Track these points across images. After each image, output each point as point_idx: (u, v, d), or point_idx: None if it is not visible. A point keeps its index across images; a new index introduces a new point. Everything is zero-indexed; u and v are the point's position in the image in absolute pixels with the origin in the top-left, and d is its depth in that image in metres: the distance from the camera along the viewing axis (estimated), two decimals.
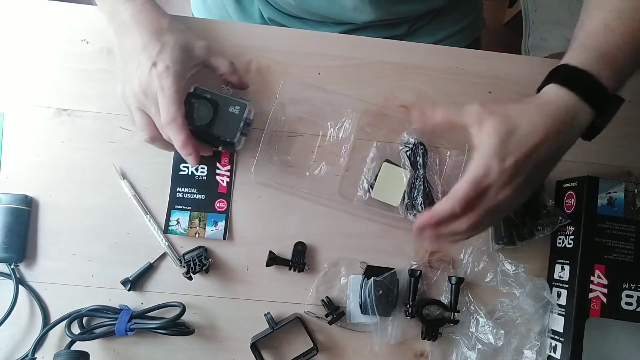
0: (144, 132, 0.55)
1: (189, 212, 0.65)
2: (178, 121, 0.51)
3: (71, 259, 0.63)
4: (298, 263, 0.64)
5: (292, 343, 0.65)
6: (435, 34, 0.82)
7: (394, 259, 0.66)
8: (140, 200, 0.64)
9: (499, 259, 0.67)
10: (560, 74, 0.48)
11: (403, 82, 0.67)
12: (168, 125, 0.51)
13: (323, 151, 0.66)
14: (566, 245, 0.64)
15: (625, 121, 0.70)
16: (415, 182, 0.65)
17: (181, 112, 0.51)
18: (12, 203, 0.61)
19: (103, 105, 0.65)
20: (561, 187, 0.67)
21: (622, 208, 0.62)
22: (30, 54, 0.65)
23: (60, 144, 0.64)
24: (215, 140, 0.60)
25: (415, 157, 0.66)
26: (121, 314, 0.60)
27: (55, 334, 0.63)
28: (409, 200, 0.65)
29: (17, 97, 0.64)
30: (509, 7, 1.70)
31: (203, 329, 0.64)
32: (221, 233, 0.64)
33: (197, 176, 0.65)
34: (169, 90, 0.50)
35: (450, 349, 0.66)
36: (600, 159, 0.69)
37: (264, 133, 0.65)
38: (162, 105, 0.51)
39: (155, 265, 0.64)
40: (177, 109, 0.51)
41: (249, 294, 0.65)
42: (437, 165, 0.66)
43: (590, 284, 0.60)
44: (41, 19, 0.65)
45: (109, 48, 0.65)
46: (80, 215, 0.64)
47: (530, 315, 0.65)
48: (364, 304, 0.63)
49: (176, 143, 0.52)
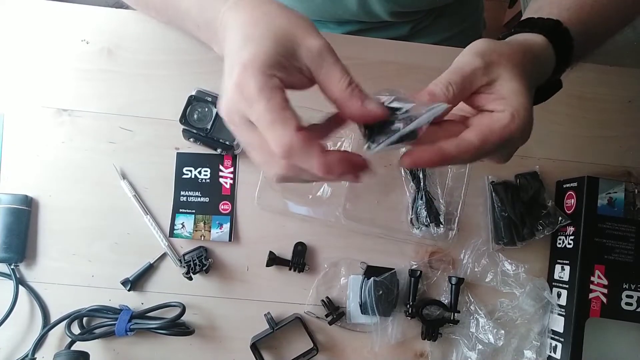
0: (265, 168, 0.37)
1: (194, 215, 0.65)
2: (280, 129, 0.33)
3: (71, 259, 0.63)
4: (298, 263, 0.64)
5: (292, 343, 0.65)
6: (437, 35, 0.82)
7: (394, 259, 0.66)
8: (141, 201, 0.64)
9: (499, 259, 0.67)
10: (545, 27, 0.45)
11: (404, 82, 0.67)
12: (270, 137, 0.34)
13: None
14: (566, 246, 0.64)
15: (625, 121, 0.70)
16: (417, 196, 0.66)
17: (283, 116, 0.33)
18: (12, 203, 0.61)
19: (103, 105, 0.65)
20: (561, 187, 0.67)
21: (622, 208, 0.62)
22: (30, 54, 0.65)
23: (60, 144, 0.64)
24: (215, 143, 0.61)
25: (415, 171, 0.66)
26: (121, 314, 0.60)
27: (55, 334, 0.62)
28: (413, 214, 0.65)
29: (17, 97, 0.64)
30: (509, 8, 1.70)
31: (203, 329, 0.64)
32: (226, 235, 0.64)
33: (200, 179, 0.65)
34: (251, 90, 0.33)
35: (450, 349, 0.66)
36: (600, 159, 0.69)
37: None
38: (253, 117, 0.34)
39: (155, 265, 0.64)
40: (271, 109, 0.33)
41: (249, 294, 0.65)
42: (439, 177, 0.67)
43: (590, 284, 0.60)
44: (41, 19, 0.65)
45: (109, 48, 0.65)
46: (80, 215, 0.64)
47: (530, 316, 0.65)
48: (364, 304, 0.63)
49: (307, 168, 0.34)
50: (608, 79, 0.71)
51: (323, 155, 0.33)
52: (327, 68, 0.36)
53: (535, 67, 0.40)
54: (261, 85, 0.33)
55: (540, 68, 0.42)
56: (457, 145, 0.36)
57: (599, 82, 0.70)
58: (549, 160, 0.68)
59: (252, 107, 0.33)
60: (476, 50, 0.38)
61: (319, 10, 0.75)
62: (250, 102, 0.33)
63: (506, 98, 0.37)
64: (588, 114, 0.70)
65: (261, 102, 0.33)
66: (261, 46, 0.35)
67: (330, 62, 0.36)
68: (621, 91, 0.70)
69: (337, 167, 0.33)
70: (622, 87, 0.70)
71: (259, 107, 0.33)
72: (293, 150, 0.33)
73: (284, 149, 0.33)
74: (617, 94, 0.70)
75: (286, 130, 0.33)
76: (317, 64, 0.36)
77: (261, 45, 0.35)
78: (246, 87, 0.33)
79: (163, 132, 0.65)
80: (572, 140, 0.69)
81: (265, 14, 0.37)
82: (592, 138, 0.70)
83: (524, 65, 0.38)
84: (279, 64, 0.35)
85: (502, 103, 0.37)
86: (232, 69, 0.35)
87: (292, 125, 0.33)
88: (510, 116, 0.36)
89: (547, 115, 0.69)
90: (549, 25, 0.43)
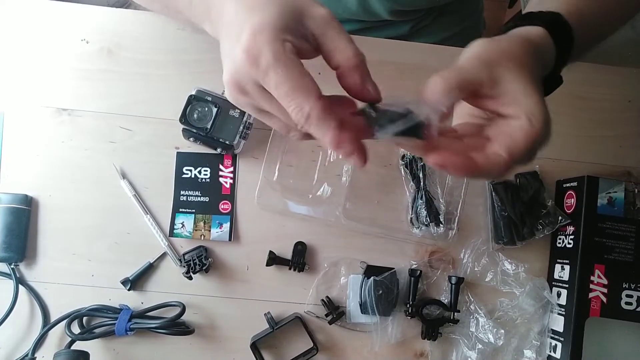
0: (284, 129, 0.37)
1: (194, 214, 0.65)
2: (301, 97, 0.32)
3: (71, 259, 0.63)
4: (298, 263, 0.64)
5: (292, 343, 0.65)
6: (437, 34, 0.82)
7: (394, 259, 0.66)
8: (141, 200, 0.64)
9: (499, 259, 0.67)
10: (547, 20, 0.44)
11: (404, 82, 0.67)
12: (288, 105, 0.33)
13: (324, 171, 0.66)
14: (566, 245, 0.64)
15: (625, 121, 0.70)
16: (417, 195, 0.66)
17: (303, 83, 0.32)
18: (12, 203, 0.61)
19: (103, 105, 0.65)
20: (561, 187, 0.67)
21: (622, 208, 0.62)
22: (30, 53, 0.65)
23: (60, 143, 0.64)
24: (215, 142, 0.61)
25: (415, 171, 0.66)
26: (121, 314, 0.60)
27: (55, 333, 0.62)
28: (413, 214, 0.65)
29: (17, 97, 0.64)
30: (509, 7, 1.70)
31: (203, 328, 0.64)
32: (226, 235, 0.64)
33: (200, 179, 0.65)
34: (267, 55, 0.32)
35: (450, 348, 0.66)
36: (600, 159, 0.69)
37: (264, 160, 0.65)
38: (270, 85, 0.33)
39: (155, 265, 0.64)
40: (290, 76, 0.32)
41: (249, 293, 0.65)
42: (438, 177, 0.67)
43: (590, 284, 0.60)
44: (41, 19, 0.65)
45: (109, 48, 0.65)
46: (80, 215, 0.64)
47: (530, 315, 0.65)
48: (364, 304, 0.63)
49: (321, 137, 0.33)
50: (608, 79, 0.71)
51: (338, 130, 0.33)
52: (334, 35, 0.35)
53: (536, 59, 0.39)
54: (277, 51, 0.32)
55: (542, 60, 0.41)
56: (486, 157, 0.34)
57: (599, 82, 0.70)
58: (549, 160, 0.68)
59: (268, 75, 0.32)
60: (474, 53, 0.37)
61: None
62: (265, 70, 0.32)
63: (517, 101, 0.35)
64: (588, 114, 0.70)
65: (279, 70, 0.32)
66: (269, 12, 0.33)
67: (337, 30, 0.35)
68: (621, 91, 0.70)
69: (347, 146, 0.33)
70: (622, 87, 0.70)
71: (276, 74, 0.32)
72: (311, 119, 0.32)
73: (302, 117, 0.32)
74: (617, 94, 0.70)
75: (308, 98, 0.32)
76: (323, 31, 0.35)
77: (269, 11, 0.33)
78: (260, 54, 0.32)
79: (163, 131, 0.65)
80: (572, 140, 0.69)
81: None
82: (592, 138, 0.70)
83: (525, 59, 0.37)
84: (290, 29, 0.33)
85: (515, 108, 0.35)
86: (238, 36, 0.33)
87: (313, 93, 0.32)
88: (527, 121, 0.34)
89: None
90: (548, 17, 0.43)
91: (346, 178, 0.66)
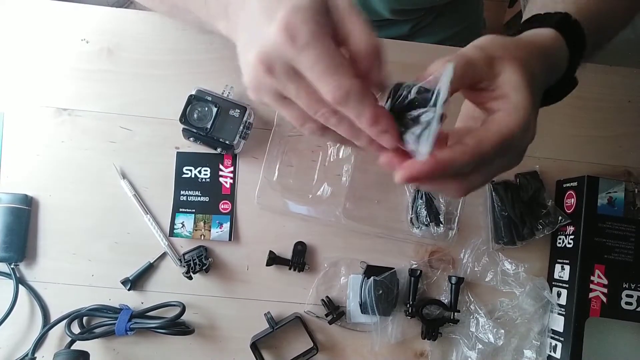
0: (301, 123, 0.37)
1: (194, 214, 0.65)
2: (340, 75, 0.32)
3: (71, 259, 0.63)
4: (298, 263, 0.64)
5: (292, 343, 0.65)
6: (437, 34, 0.82)
7: (394, 259, 0.66)
8: (140, 200, 0.64)
9: (499, 259, 0.67)
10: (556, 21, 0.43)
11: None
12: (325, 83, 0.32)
13: (324, 171, 0.66)
14: (566, 245, 0.64)
15: (626, 121, 0.70)
16: (417, 195, 0.66)
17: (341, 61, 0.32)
18: (12, 203, 0.61)
19: (103, 105, 0.65)
20: (561, 187, 0.67)
21: (622, 208, 0.62)
22: (30, 53, 0.65)
23: (60, 143, 0.64)
24: (215, 142, 0.61)
25: None
26: (121, 314, 0.60)
27: (55, 333, 0.62)
28: (413, 213, 0.65)
29: (17, 97, 0.64)
30: (509, 7, 1.70)
31: (203, 329, 0.64)
32: (226, 235, 0.64)
33: (200, 179, 0.65)
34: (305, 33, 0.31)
35: (450, 348, 0.66)
36: (600, 159, 0.69)
37: (264, 160, 0.65)
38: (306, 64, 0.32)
39: (155, 265, 0.64)
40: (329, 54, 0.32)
41: (249, 293, 0.65)
42: None
43: (590, 284, 0.60)
44: (41, 19, 0.65)
45: (109, 48, 0.65)
46: (80, 215, 0.64)
47: (530, 315, 0.65)
48: (364, 304, 0.63)
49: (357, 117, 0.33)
50: (608, 79, 0.71)
51: (376, 106, 0.33)
52: (352, 20, 0.34)
53: (543, 63, 0.39)
54: (316, 29, 0.32)
55: (551, 64, 0.40)
56: (452, 150, 0.33)
57: (599, 82, 0.70)
58: (549, 160, 0.68)
59: (303, 53, 0.32)
60: (479, 44, 0.37)
61: None
62: (302, 48, 0.31)
63: (506, 95, 0.35)
64: (588, 114, 0.70)
65: (317, 48, 0.31)
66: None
67: (355, 17, 0.34)
68: (621, 91, 0.70)
69: (384, 121, 0.33)
70: (622, 87, 0.70)
71: (314, 53, 0.32)
72: (350, 96, 0.32)
73: (341, 94, 0.32)
74: (617, 94, 0.70)
75: (346, 76, 0.32)
76: (343, 18, 0.34)
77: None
78: (298, 31, 0.31)
79: (163, 131, 0.65)
80: (572, 140, 0.69)
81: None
82: (592, 138, 0.70)
83: (528, 61, 0.37)
84: (323, 13, 0.33)
85: (502, 102, 0.35)
86: (271, 17, 0.33)
87: (350, 71, 0.32)
88: (507, 114, 0.34)
89: (547, 115, 0.69)
90: (557, 18, 0.42)
91: (346, 178, 0.66)
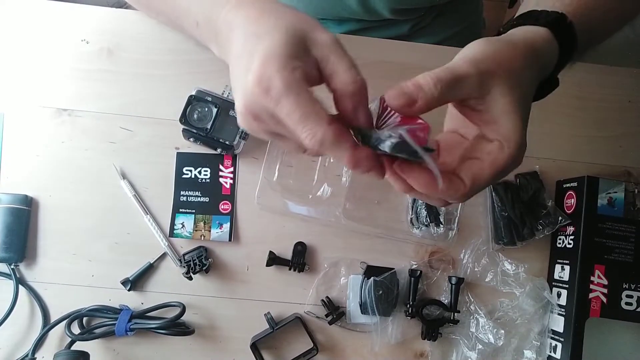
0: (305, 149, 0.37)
1: (194, 215, 0.65)
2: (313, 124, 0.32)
3: (71, 259, 0.63)
4: (298, 263, 0.64)
5: (292, 343, 0.65)
6: (437, 34, 0.82)
7: (394, 259, 0.66)
8: (141, 200, 0.64)
9: (499, 259, 0.67)
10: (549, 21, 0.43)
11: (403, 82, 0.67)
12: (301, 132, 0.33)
13: (324, 172, 0.66)
14: (566, 245, 0.64)
15: (626, 121, 0.70)
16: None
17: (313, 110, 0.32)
18: (12, 203, 0.61)
19: (103, 105, 0.65)
20: (561, 187, 0.67)
21: (622, 208, 0.62)
22: (30, 53, 0.65)
23: (60, 144, 0.64)
24: (215, 142, 0.61)
25: None
26: (121, 314, 0.60)
27: (55, 334, 0.62)
28: (413, 214, 0.65)
29: (17, 97, 0.64)
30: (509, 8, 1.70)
31: (203, 329, 0.64)
32: (226, 235, 0.64)
33: (200, 179, 0.65)
34: (277, 85, 0.32)
35: (450, 349, 0.66)
36: (600, 159, 0.69)
37: (264, 160, 0.65)
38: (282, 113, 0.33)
39: (155, 265, 0.64)
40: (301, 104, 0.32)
41: (249, 294, 0.65)
42: None
43: (590, 284, 0.60)
44: (41, 19, 0.65)
45: (109, 48, 0.65)
46: (80, 215, 0.64)
47: (530, 315, 0.65)
48: (364, 304, 0.63)
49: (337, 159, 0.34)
50: (608, 79, 0.71)
51: (352, 150, 0.33)
52: (335, 60, 0.35)
53: (533, 63, 0.39)
54: (287, 79, 0.32)
55: (540, 63, 0.41)
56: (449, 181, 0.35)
57: (599, 82, 0.70)
58: (549, 160, 0.68)
59: (280, 104, 0.32)
60: (471, 57, 0.36)
61: (319, 8, 0.75)
62: (277, 98, 0.32)
63: (497, 122, 0.35)
64: (588, 114, 0.70)
65: (290, 98, 0.32)
66: (276, 39, 0.34)
67: (338, 55, 0.35)
68: (621, 91, 0.70)
69: (364, 165, 0.34)
70: (622, 87, 0.70)
71: (288, 103, 0.32)
72: (324, 144, 0.32)
73: (315, 143, 0.32)
74: (617, 94, 0.70)
75: (318, 125, 0.32)
76: (326, 55, 0.35)
77: (276, 38, 0.34)
78: (271, 83, 0.32)
79: (163, 132, 0.65)
80: (572, 140, 0.69)
81: (272, 10, 0.37)
82: (592, 138, 0.70)
83: (523, 71, 0.37)
84: (297, 55, 0.34)
85: (493, 129, 0.36)
86: (248, 66, 0.34)
87: (324, 119, 0.32)
88: (499, 148, 0.35)
89: (547, 115, 0.69)
90: (553, 18, 0.42)
91: (346, 178, 0.65)
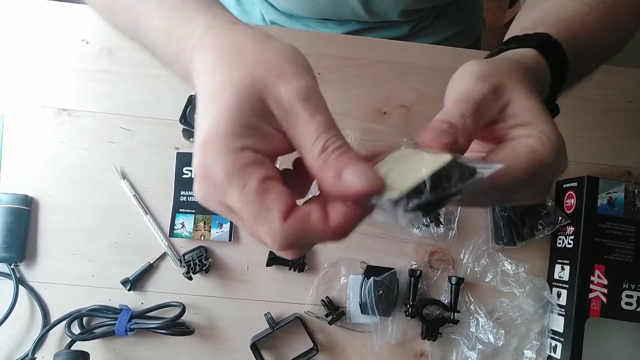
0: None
1: (194, 215, 0.65)
2: (264, 227, 0.26)
3: (71, 259, 0.63)
4: (298, 263, 0.64)
5: (292, 343, 0.65)
6: (437, 34, 0.82)
7: (394, 259, 0.66)
8: (141, 200, 0.64)
9: (499, 259, 0.67)
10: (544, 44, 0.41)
11: (403, 82, 0.68)
12: (255, 230, 0.27)
13: None
14: (566, 245, 0.64)
15: (626, 121, 0.70)
16: None
17: (263, 206, 0.26)
18: (12, 203, 0.61)
19: (103, 105, 0.65)
20: (561, 187, 0.67)
21: (622, 208, 0.62)
22: (30, 53, 0.65)
23: (60, 144, 0.64)
24: None
25: None
26: (121, 314, 0.60)
27: (55, 334, 0.62)
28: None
29: (17, 97, 0.64)
30: (509, 8, 1.70)
31: (203, 329, 0.64)
32: (226, 235, 0.64)
33: None
34: (219, 176, 0.26)
35: (450, 349, 0.66)
36: (600, 159, 0.69)
37: None
38: (231, 206, 0.27)
39: (155, 265, 0.64)
40: (247, 200, 0.26)
41: (249, 294, 0.65)
42: None
43: (590, 284, 0.60)
44: (41, 19, 0.65)
45: (109, 48, 0.65)
46: (80, 215, 0.64)
47: (530, 315, 0.65)
48: (364, 304, 0.63)
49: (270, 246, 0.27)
50: (608, 79, 0.71)
51: (325, 230, 0.27)
52: (299, 125, 0.27)
53: (537, 80, 0.37)
54: (229, 168, 0.26)
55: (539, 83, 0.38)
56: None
57: (599, 82, 0.70)
58: None
59: (225, 196, 0.26)
60: (477, 74, 0.32)
61: (320, 9, 0.75)
62: (222, 189, 0.26)
63: (529, 124, 0.31)
64: (588, 114, 0.70)
65: (234, 192, 0.26)
66: (225, 103, 0.27)
67: (303, 117, 0.27)
68: (621, 91, 0.70)
69: (345, 233, 0.29)
70: (622, 87, 0.70)
71: (232, 197, 0.26)
72: (282, 243, 0.26)
73: (274, 242, 0.26)
74: (617, 94, 0.70)
75: (270, 223, 0.26)
76: (287, 119, 0.27)
77: (224, 102, 0.27)
78: (212, 172, 0.26)
79: (163, 132, 0.65)
80: (572, 140, 0.69)
81: (231, 50, 0.29)
82: (592, 138, 0.70)
83: (529, 79, 0.34)
84: (248, 127, 0.27)
85: (527, 129, 0.31)
86: (196, 137, 0.27)
87: (276, 215, 0.26)
88: (539, 140, 0.30)
89: None
90: (538, 38, 0.40)
91: None
